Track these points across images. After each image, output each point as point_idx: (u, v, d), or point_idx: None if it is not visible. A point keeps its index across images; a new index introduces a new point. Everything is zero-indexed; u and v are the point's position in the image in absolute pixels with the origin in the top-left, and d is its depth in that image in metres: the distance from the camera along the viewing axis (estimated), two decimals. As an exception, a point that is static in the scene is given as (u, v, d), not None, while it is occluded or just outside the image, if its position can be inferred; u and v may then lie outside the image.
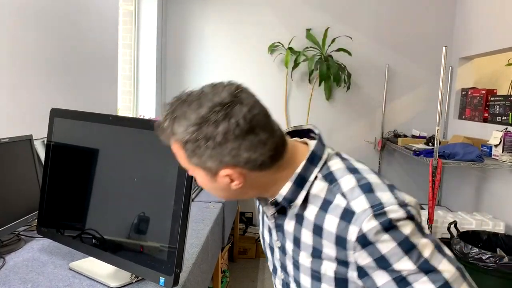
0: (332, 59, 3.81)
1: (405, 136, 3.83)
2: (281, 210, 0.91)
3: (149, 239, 1.16)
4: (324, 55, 3.84)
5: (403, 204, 0.80)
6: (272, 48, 3.93)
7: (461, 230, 2.51)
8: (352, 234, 0.79)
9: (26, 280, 1.24)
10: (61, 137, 1.41)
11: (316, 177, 0.87)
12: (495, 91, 3.29)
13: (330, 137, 4.10)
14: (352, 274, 0.83)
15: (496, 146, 2.78)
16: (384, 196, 0.81)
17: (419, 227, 0.80)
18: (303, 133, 0.99)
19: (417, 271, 0.77)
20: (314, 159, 0.87)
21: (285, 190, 0.87)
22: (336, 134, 4.10)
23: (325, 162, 0.88)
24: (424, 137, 3.68)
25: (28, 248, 1.50)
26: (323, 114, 4.07)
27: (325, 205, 0.84)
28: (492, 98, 3.16)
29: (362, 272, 0.81)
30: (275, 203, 0.90)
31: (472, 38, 3.57)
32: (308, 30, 3.96)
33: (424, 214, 2.78)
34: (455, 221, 2.55)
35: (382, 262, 0.78)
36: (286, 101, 4.07)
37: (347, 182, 0.84)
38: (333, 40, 3.83)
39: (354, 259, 0.81)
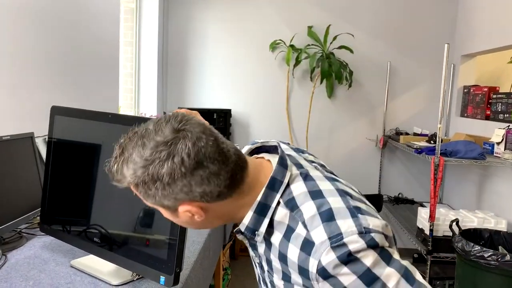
0: (333, 56, 3.80)
1: (407, 133, 3.82)
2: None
3: (151, 238, 1.16)
4: (326, 52, 3.83)
5: (365, 232, 0.75)
6: (274, 46, 3.92)
7: (463, 228, 2.51)
8: (312, 266, 0.76)
9: (27, 278, 1.24)
10: (62, 134, 1.41)
11: (278, 203, 0.83)
12: (497, 88, 3.27)
13: (332, 135, 4.09)
14: None
15: (498, 143, 2.77)
16: (344, 224, 0.76)
17: (383, 255, 0.76)
18: (272, 148, 0.95)
19: None
20: (274, 185, 0.83)
21: (247, 219, 0.84)
22: (337, 132, 4.10)
23: (288, 185, 0.84)
24: (426, 135, 3.67)
25: (29, 245, 1.50)
26: (324, 112, 4.06)
27: (288, 233, 0.82)
28: (494, 96, 3.15)
29: None
30: (241, 232, 0.86)
31: (474, 35, 3.56)
32: (309, 27, 3.96)
33: (426, 212, 2.77)
34: (457, 219, 2.55)
35: None
36: (287, 98, 4.06)
37: (307, 209, 0.80)
38: (334, 38, 3.82)
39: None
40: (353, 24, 3.97)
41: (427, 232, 2.70)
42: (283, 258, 0.82)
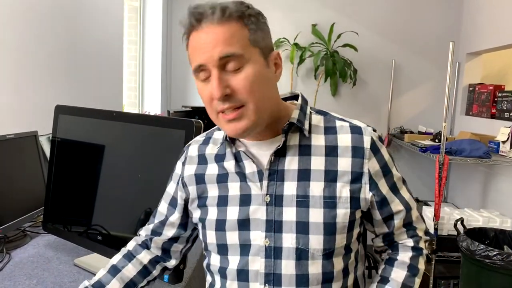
0: (338, 54, 3.78)
1: (411, 132, 3.81)
2: (280, 152, 0.89)
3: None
4: (330, 50, 3.82)
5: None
6: (278, 44, 3.91)
7: (468, 227, 2.49)
8: (367, 142, 0.90)
9: (31, 276, 1.24)
10: (66, 133, 1.41)
11: (311, 112, 0.95)
12: (503, 86, 3.25)
13: (336, 133, 4.08)
14: (365, 189, 0.89)
15: (503, 142, 2.75)
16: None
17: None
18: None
19: (401, 180, 0.97)
20: (305, 100, 0.96)
21: (295, 114, 0.91)
22: (342, 130, 4.08)
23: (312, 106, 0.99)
24: (430, 134, 3.65)
25: (33, 244, 1.50)
26: (329, 110, 4.04)
27: (330, 130, 0.92)
28: (500, 94, 3.13)
29: (373, 184, 0.90)
30: (287, 128, 0.88)
31: (479, 33, 3.53)
32: (313, 25, 3.94)
33: (430, 211, 2.76)
34: (461, 218, 2.53)
35: (386, 167, 0.93)
36: (291, 97, 4.05)
37: (336, 114, 0.98)
38: (339, 36, 3.80)
39: (367, 169, 0.89)
40: (357, 22, 3.95)
41: (431, 231, 2.68)
42: (332, 151, 0.90)
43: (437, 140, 3.21)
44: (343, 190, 0.88)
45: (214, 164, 0.96)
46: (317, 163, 0.89)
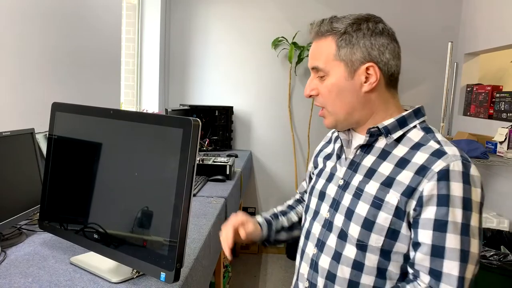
0: (336, 54, 3.78)
1: (409, 132, 3.80)
2: (365, 148, 1.05)
3: (152, 234, 1.15)
4: (328, 50, 3.81)
5: (481, 184, 0.94)
6: (276, 43, 3.91)
7: (464, 227, 2.50)
8: (437, 166, 0.91)
9: (27, 274, 1.23)
10: (62, 131, 1.40)
11: (415, 126, 1.02)
12: (500, 87, 3.25)
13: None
14: (411, 204, 0.93)
15: (501, 143, 2.76)
16: (473, 165, 0.94)
17: (481, 206, 0.93)
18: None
19: (459, 227, 0.88)
20: (418, 113, 1.05)
21: (387, 122, 1.02)
22: (339, 129, 4.08)
23: (426, 122, 1.05)
24: (428, 134, 3.65)
25: (29, 242, 1.49)
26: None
27: (417, 146, 0.98)
28: (498, 95, 3.13)
29: (419, 203, 0.91)
30: (373, 131, 1.02)
31: (478, 34, 3.54)
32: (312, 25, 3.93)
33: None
34: (459, 218, 2.54)
35: (445, 200, 0.89)
36: (289, 96, 4.05)
37: (443, 138, 0.99)
38: (337, 35, 3.80)
39: (422, 187, 0.91)
40: (356, 22, 3.94)
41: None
42: (402, 163, 0.97)
43: (434, 140, 3.20)
44: (392, 197, 0.95)
45: (332, 144, 1.21)
46: (385, 168, 0.99)
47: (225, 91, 4.11)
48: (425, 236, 0.90)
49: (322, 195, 1.12)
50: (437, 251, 0.89)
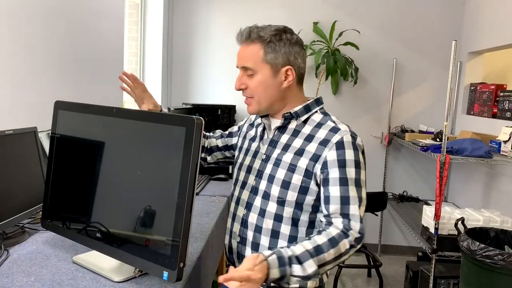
0: (339, 53, 3.77)
1: (412, 131, 3.80)
2: (281, 129, 1.36)
3: (155, 233, 1.15)
4: (331, 49, 3.81)
5: (363, 149, 1.30)
6: (279, 42, 3.89)
7: (468, 227, 2.48)
8: (334, 138, 1.25)
9: (29, 273, 1.23)
10: (65, 129, 1.40)
11: (316, 111, 1.36)
12: (504, 86, 3.24)
13: (337, 131, 4.06)
14: (317, 168, 1.25)
15: (505, 142, 2.74)
16: (358, 136, 1.30)
17: (363, 164, 1.28)
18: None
19: (354, 182, 1.23)
20: (318, 101, 1.38)
21: (297, 108, 1.34)
22: (342, 128, 4.07)
23: (323, 108, 1.38)
24: (431, 133, 3.64)
25: (32, 240, 1.49)
26: (329, 109, 3.97)
27: (319, 125, 1.32)
28: (502, 94, 3.12)
29: (324, 166, 1.24)
30: (287, 116, 1.33)
31: (481, 32, 3.52)
32: (315, 23, 3.93)
33: (431, 210, 2.75)
34: (462, 217, 2.52)
35: (342, 163, 1.23)
36: (292, 95, 4.03)
37: (336, 119, 1.34)
38: (340, 34, 3.79)
39: (325, 155, 1.24)
40: (359, 21, 3.93)
41: (432, 230, 2.67)
42: (310, 138, 1.30)
43: (438, 139, 3.19)
44: (302, 162, 1.27)
45: (254, 128, 1.50)
46: (297, 142, 1.31)
47: (227, 90, 4.11)
48: (334, 190, 1.22)
49: (249, 169, 1.40)
50: (345, 200, 1.22)
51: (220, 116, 3.84)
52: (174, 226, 1.10)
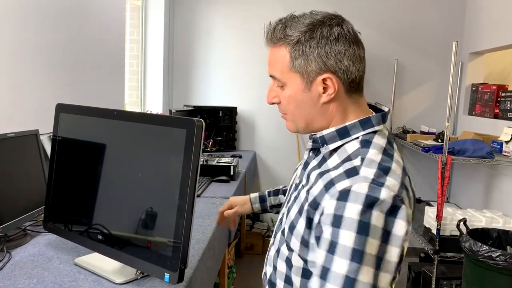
0: (340, 54, 3.77)
1: (414, 132, 3.79)
2: (315, 150, 1.02)
3: (156, 235, 1.15)
4: (332, 50, 3.80)
5: (397, 201, 0.82)
6: (280, 43, 3.89)
7: (470, 228, 2.48)
8: (341, 185, 0.84)
9: (31, 275, 1.23)
10: (67, 132, 1.41)
11: (357, 138, 0.94)
12: (506, 86, 3.24)
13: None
14: (316, 218, 0.87)
15: (507, 142, 2.74)
16: (392, 182, 0.84)
17: (386, 234, 0.80)
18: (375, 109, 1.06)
19: (348, 254, 0.79)
20: (366, 123, 0.95)
21: (327, 132, 0.97)
22: (344, 130, 4.07)
23: (374, 133, 0.94)
24: (433, 133, 3.64)
25: (34, 243, 1.50)
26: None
27: (345, 160, 0.91)
28: (503, 94, 3.11)
29: (319, 217, 0.86)
30: (315, 138, 1.00)
31: (483, 33, 3.52)
32: (316, 25, 3.92)
33: (433, 211, 2.75)
34: (464, 218, 2.52)
35: (336, 219, 0.81)
36: (293, 96, 4.04)
37: (373, 154, 0.89)
38: (341, 35, 3.79)
39: (324, 204, 0.85)
40: (360, 21, 3.91)
41: (434, 231, 2.67)
42: (323, 174, 0.91)
43: (439, 140, 3.19)
44: (306, 206, 0.92)
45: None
46: (314, 175, 0.95)
47: (228, 92, 4.11)
48: (318, 255, 0.85)
49: (286, 196, 1.15)
50: (323, 273, 0.82)
51: (222, 118, 3.85)
52: (175, 228, 1.10)
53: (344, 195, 0.82)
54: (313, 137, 1.00)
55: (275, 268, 1.01)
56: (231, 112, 3.89)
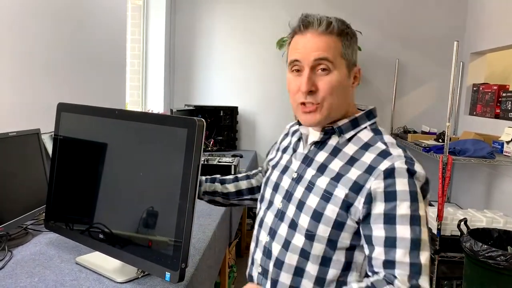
0: (341, 54, 3.77)
1: (415, 132, 3.79)
2: (319, 144, 1.12)
3: (157, 234, 1.15)
4: (333, 50, 3.80)
5: (426, 178, 1.01)
6: (281, 43, 3.90)
7: (471, 228, 2.48)
8: (383, 165, 0.98)
9: (32, 274, 1.24)
10: (68, 131, 1.41)
11: (366, 127, 1.10)
12: (507, 86, 3.23)
13: (339, 132, 4.07)
14: (360, 201, 0.99)
15: (507, 142, 2.74)
16: (417, 162, 1.01)
17: (425, 200, 1.00)
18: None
19: (407, 219, 0.95)
20: (370, 115, 1.12)
21: (342, 122, 1.09)
22: (345, 129, 4.07)
23: (376, 124, 1.12)
24: (434, 133, 3.63)
25: (35, 241, 1.50)
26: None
27: (366, 146, 1.05)
28: (504, 94, 3.11)
29: (367, 199, 0.98)
30: (328, 130, 1.10)
31: (484, 33, 3.52)
32: (317, 24, 3.92)
33: (433, 211, 2.75)
34: (465, 218, 2.52)
35: (391, 195, 0.96)
36: (294, 96, 4.04)
37: (389, 138, 1.07)
38: (342, 35, 3.79)
39: (369, 185, 0.98)
40: (361, 21, 3.93)
41: (434, 231, 2.67)
42: (352, 161, 1.04)
43: (440, 140, 3.19)
44: (340, 191, 1.02)
45: (289, 137, 1.29)
46: (336, 164, 1.06)
47: (230, 91, 4.12)
48: (377, 230, 0.96)
49: (276, 187, 1.18)
50: (390, 242, 0.95)
51: (223, 118, 3.85)
52: (176, 227, 1.10)
53: (389, 173, 0.97)
54: (326, 128, 1.09)
55: (280, 263, 1.08)
56: (232, 111, 3.90)
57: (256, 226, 1.23)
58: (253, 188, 1.44)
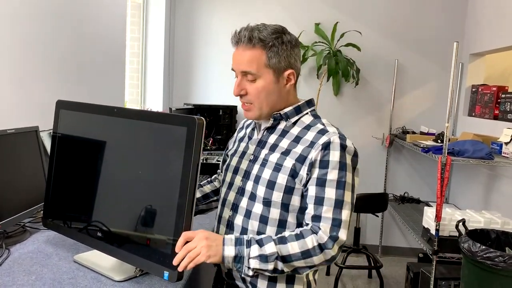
0: (340, 54, 3.77)
1: (413, 132, 3.79)
2: (270, 129, 1.33)
3: (156, 232, 1.15)
4: (333, 50, 3.81)
5: (355, 152, 1.25)
6: (280, 43, 3.89)
7: (469, 228, 2.48)
8: (321, 140, 1.22)
9: (30, 272, 1.23)
10: (67, 129, 1.41)
11: (307, 113, 1.33)
12: (506, 88, 3.23)
13: (338, 132, 4.06)
14: (304, 169, 1.21)
15: (506, 144, 2.74)
16: (348, 139, 1.25)
17: (354, 171, 1.24)
18: None
19: (334, 183, 1.18)
20: (310, 103, 1.35)
21: (287, 109, 1.31)
22: (344, 130, 3.99)
23: (315, 111, 1.35)
24: (433, 134, 3.64)
25: (33, 239, 1.50)
26: (331, 110, 4.04)
27: (308, 127, 1.29)
28: (503, 95, 3.11)
29: (308, 167, 1.20)
30: (277, 117, 1.30)
31: (483, 34, 3.52)
32: (317, 24, 3.93)
33: (432, 212, 2.75)
34: (463, 219, 2.52)
35: (325, 164, 1.19)
36: (293, 96, 4.03)
37: (326, 120, 1.32)
38: (342, 35, 3.79)
39: (311, 156, 1.20)
40: (360, 22, 3.93)
41: (433, 232, 2.67)
42: (297, 139, 1.27)
43: (439, 141, 3.19)
44: (288, 162, 1.23)
45: (244, 129, 1.49)
46: (284, 142, 1.28)
47: (229, 90, 4.10)
48: (311, 190, 1.19)
49: (236, 170, 1.35)
50: (318, 200, 1.18)
51: (222, 117, 3.85)
52: (175, 225, 1.10)
53: (326, 146, 1.20)
54: (274, 115, 1.30)
55: (244, 231, 1.27)
56: (231, 110, 3.89)
57: (219, 207, 1.37)
58: (217, 189, 1.55)
